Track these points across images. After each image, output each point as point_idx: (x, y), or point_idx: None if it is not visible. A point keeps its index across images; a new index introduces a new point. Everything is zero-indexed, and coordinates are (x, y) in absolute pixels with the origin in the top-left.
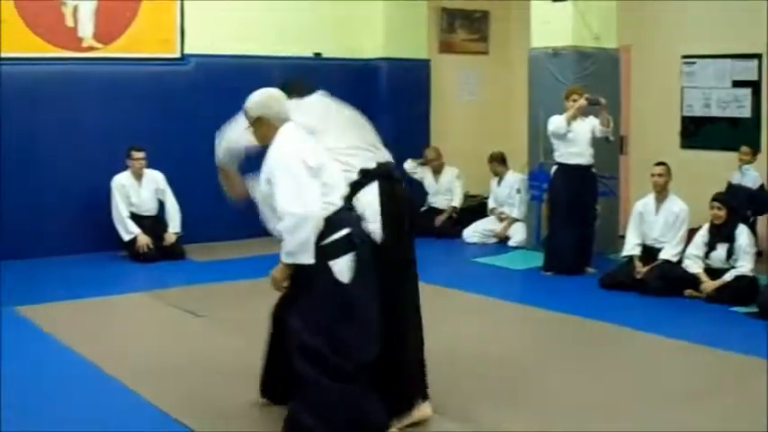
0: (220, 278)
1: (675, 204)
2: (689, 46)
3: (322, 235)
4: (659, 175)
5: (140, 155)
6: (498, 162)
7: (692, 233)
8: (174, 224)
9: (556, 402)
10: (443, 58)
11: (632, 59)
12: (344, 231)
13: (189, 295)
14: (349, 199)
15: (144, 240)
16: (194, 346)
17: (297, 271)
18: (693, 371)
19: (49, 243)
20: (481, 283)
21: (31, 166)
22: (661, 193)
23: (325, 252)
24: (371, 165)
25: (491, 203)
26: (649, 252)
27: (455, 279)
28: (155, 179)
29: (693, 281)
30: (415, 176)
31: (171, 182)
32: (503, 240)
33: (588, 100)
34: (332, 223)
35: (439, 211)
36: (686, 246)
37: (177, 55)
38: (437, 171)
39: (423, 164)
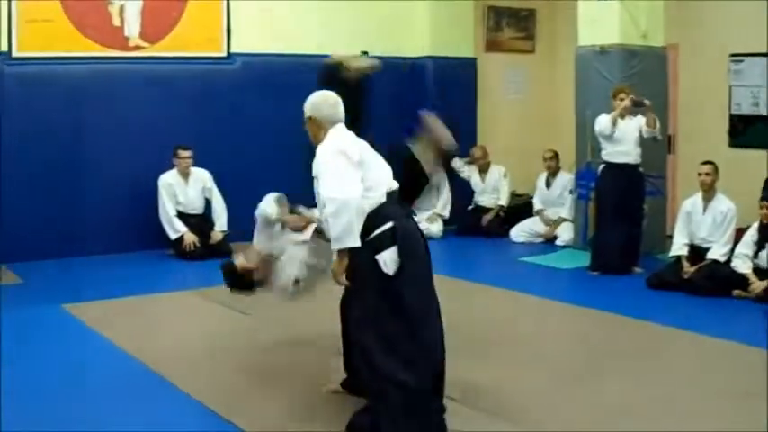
0: None
1: (723, 204)
2: (737, 44)
3: (368, 230)
4: (706, 174)
5: (187, 154)
6: (557, 159)
7: (740, 233)
8: (221, 222)
9: (602, 402)
10: (490, 56)
11: (680, 58)
12: (389, 225)
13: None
14: (392, 195)
15: (190, 239)
16: (241, 344)
17: (350, 266)
18: (741, 371)
19: (95, 241)
20: (528, 282)
21: (78, 165)
22: (708, 193)
23: (372, 246)
24: None
25: (537, 204)
26: (697, 252)
27: (502, 278)
28: (201, 178)
29: (742, 281)
30: (462, 175)
31: (217, 180)
32: (550, 240)
33: (633, 101)
34: (376, 217)
35: (486, 210)
36: (734, 245)
37: (223, 54)
38: (483, 170)
39: (469, 162)
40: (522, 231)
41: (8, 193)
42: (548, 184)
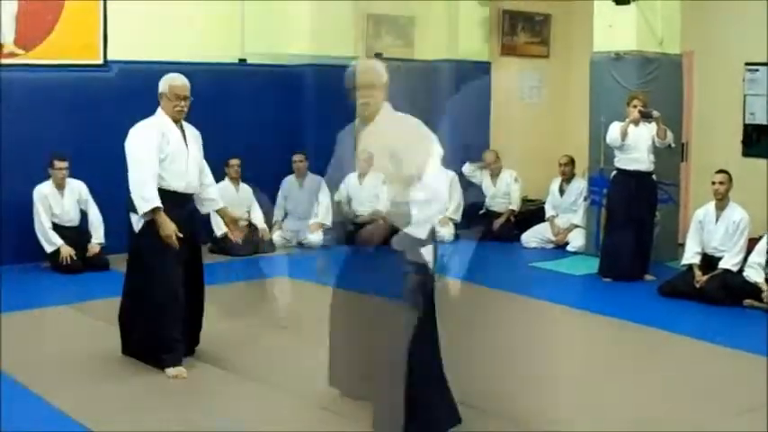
0: None
1: (736, 213)
2: (752, 53)
3: None
4: (720, 183)
5: (63, 164)
6: (572, 165)
7: (752, 242)
8: (98, 235)
9: (611, 409)
10: (504, 60)
11: (695, 65)
12: None
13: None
14: None
15: (67, 251)
16: (260, 343)
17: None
18: (753, 382)
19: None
20: (538, 287)
21: None
22: (722, 202)
23: None
24: None
25: (549, 210)
26: (709, 261)
27: (512, 283)
28: (77, 189)
29: (754, 290)
30: (474, 180)
31: (93, 192)
32: (561, 245)
33: (641, 113)
34: None
35: (497, 215)
36: (747, 255)
37: (100, 61)
38: (495, 174)
39: (481, 167)
40: (533, 237)
41: None
42: (561, 191)
